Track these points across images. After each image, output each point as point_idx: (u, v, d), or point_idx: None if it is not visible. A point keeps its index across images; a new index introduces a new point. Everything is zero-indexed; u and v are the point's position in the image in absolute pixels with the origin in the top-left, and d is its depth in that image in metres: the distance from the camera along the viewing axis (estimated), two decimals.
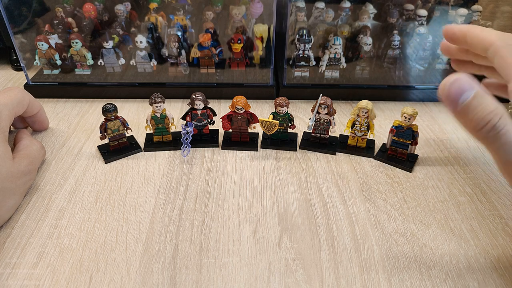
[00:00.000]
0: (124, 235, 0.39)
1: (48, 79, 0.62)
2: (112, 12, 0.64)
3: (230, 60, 0.63)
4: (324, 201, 0.43)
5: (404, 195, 0.44)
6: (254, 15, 0.64)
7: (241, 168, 0.48)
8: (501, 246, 0.38)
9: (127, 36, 0.64)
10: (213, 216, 0.41)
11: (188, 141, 0.48)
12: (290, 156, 0.50)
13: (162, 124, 0.50)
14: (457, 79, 0.30)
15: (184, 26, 0.63)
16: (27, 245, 0.38)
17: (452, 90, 0.30)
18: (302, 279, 0.35)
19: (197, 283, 0.35)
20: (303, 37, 0.59)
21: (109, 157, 0.49)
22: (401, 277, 0.35)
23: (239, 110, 0.49)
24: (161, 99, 0.48)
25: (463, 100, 0.29)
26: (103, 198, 0.43)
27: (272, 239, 0.39)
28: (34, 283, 0.34)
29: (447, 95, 0.30)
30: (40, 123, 0.53)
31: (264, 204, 0.43)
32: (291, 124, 0.51)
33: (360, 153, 0.50)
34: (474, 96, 0.29)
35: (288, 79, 0.62)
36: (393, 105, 0.61)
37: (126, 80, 0.63)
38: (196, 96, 0.48)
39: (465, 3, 0.63)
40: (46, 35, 0.60)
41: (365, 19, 0.63)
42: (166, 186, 0.45)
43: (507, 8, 0.65)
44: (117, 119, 0.48)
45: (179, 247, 0.38)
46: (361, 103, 0.48)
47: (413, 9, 0.63)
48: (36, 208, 0.42)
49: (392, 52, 0.62)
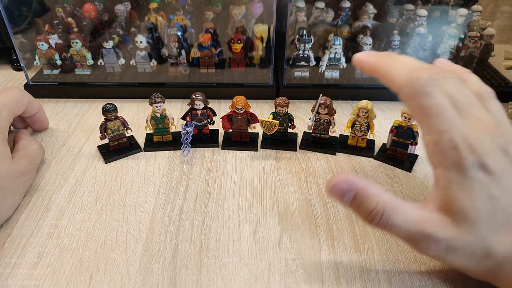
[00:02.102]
0: (124, 235, 0.39)
1: (48, 79, 0.62)
2: (112, 12, 0.64)
3: (230, 60, 0.63)
4: (324, 201, 0.43)
5: (404, 195, 0.44)
6: (254, 15, 0.64)
7: (241, 168, 0.48)
8: None
9: (127, 36, 0.64)
10: (213, 216, 0.41)
11: (188, 141, 0.48)
12: (290, 156, 0.50)
13: (162, 124, 0.50)
14: (335, 185, 0.32)
15: (184, 26, 0.63)
16: (27, 245, 0.38)
17: (333, 193, 0.32)
18: (302, 279, 0.35)
19: (197, 283, 0.35)
20: (303, 37, 0.59)
21: (109, 157, 0.49)
22: (401, 277, 0.35)
23: (239, 110, 0.49)
24: (161, 99, 0.48)
25: (347, 199, 0.32)
26: (103, 198, 0.43)
27: (272, 239, 0.39)
28: (34, 283, 0.34)
29: (332, 196, 0.32)
30: (40, 123, 0.53)
31: (264, 204, 0.43)
32: (291, 124, 0.51)
33: (360, 153, 0.50)
34: (354, 197, 0.32)
35: (288, 79, 0.62)
36: (393, 105, 0.61)
37: (126, 80, 0.62)
38: (196, 96, 0.48)
39: (465, 3, 0.63)
40: (46, 35, 0.60)
41: (365, 19, 0.63)
42: (166, 186, 0.45)
43: (507, 8, 0.65)
44: (117, 119, 0.48)
45: (179, 247, 0.38)
46: (361, 103, 0.48)
47: (413, 9, 0.63)
48: (36, 208, 0.42)
49: None
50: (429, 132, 0.31)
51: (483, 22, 0.62)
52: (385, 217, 0.31)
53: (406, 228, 0.31)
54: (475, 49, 0.61)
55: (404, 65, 0.33)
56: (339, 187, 0.32)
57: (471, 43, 0.60)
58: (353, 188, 0.32)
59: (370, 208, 0.31)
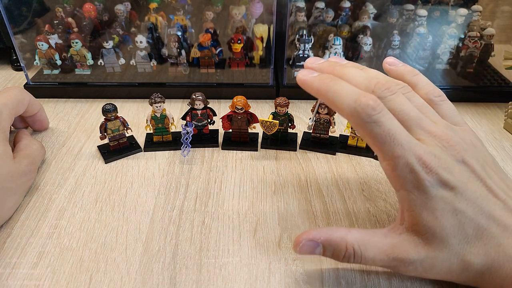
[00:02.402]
0: (124, 235, 0.39)
1: (48, 79, 0.62)
2: (112, 12, 0.64)
3: (230, 60, 0.63)
4: (324, 201, 0.43)
5: None
6: (254, 15, 0.64)
7: (241, 168, 0.48)
8: None
9: (127, 36, 0.64)
10: (213, 216, 0.41)
11: (188, 141, 0.48)
12: (290, 156, 0.50)
13: (162, 124, 0.50)
14: (302, 246, 0.32)
15: (184, 26, 0.63)
16: (27, 245, 0.38)
17: (303, 253, 0.33)
18: (302, 279, 0.35)
19: (197, 283, 0.35)
20: (303, 37, 0.59)
21: (109, 157, 0.49)
22: (401, 277, 0.35)
23: (239, 110, 0.49)
24: (161, 99, 0.48)
25: (318, 252, 0.33)
26: (103, 198, 0.43)
27: (272, 239, 0.39)
28: (34, 283, 0.34)
29: (303, 254, 0.33)
30: (40, 123, 0.53)
31: (264, 204, 0.43)
32: (291, 124, 0.51)
33: (360, 153, 0.50)
34: (323, 248, 0.32)
35: (288, 79, 0.62)
36: None
37: (126, 80, 0.62)
38: (196, 96, 0.48)
39: (465, 3, 0.63)
40: (46, 35, 0.60)
41: (365, 19, 0.63)
42: (166, 186, 0.45)
43: (507, 8, 0.65)
44: (117, 119, 0.48)
45: (179, 247, 0.38)
46: None
47: (413, 9, 0.63)
48: (36, 208, 0.42)
49: (392, 52, 0.62)
50: (384, 158, 0.32)
51: (483, 22, 0.62)
52: (358, 255, 0.32)
53: (380, 259, 0.32)
54: (475, 49, 0.61)
55: (349, 91, 0.32)
56: (305, 246, 0.32)
57: (471, 43, 0.60)
58: (318, 242, 0.32)
59: (342, 252, 0.32)
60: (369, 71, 0.36)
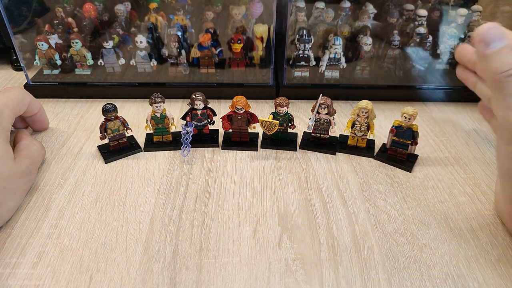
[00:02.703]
0: (124, 235, 0.39)
1: (48, 79, 0.62)
2: (112, 12, 0.64)
3: (230, 60, 0.63)
4: (324, 201, 0.43)
5: (404, 195, 0.44)
6: (254, 15, 0.64)
7: (241, 168, 0.48)
8: (501, 246, 0.38)
9: (127, 36, 0.64)
10: (213, 216, 0.41)
11: (188, 141, 0.48)
12: (290, 156, 0.50)
13: (162, 124, 0.50)
14: (495, 27, 0.34)
15: (184, 26, 0.63)
16: (27, 245, 0.38)
17: (488, 34, 0.34)
18: (302, 279, 0.35)
19: (197, 283, 0.35)
20: (303, 37, 0.59)
21: (109, 157, 0.49)
22: (401, 277, 0.35)
23: (239, 110, 0.49)
24: (161, 99, 0.48)
25: (493, 46, 0.34)
26: (103, 198, 0.43)
27: (272, 239, 0.39)
28: (34, 283, 0.34)
29: (483, 36, 0.34)
30: (40, 123, 0.53)
31: (264, 204, 0.43)
32: (291, 124, 0.51)
33: (360, 153, 0.50)
34: (504, 46, 0.33)
35: (288, 79, 0.62)
36: (393, 105, 0.61)
37: (126, 80, 0.63)
38: (196, 96, 0.48)
39: (465, 3, 0.63)
40: (46, 35, 0.60)
41: (365, 19, 0.63)
42: (166, 186, 0.45)
43: (507, 8, 0.65)
44: (117, 119, 0.48)
45: (179, 247, 0.38)
46: (361, 103, 0.48)
47: (413, 9, 0.63)
48: (36, 208, 0.42)
49: (392, 52, 0.62)
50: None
51: (483, 22, 0.62)
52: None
53: None
54: None
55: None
56: (496, 31, 0.33)
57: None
58: (506, 39, 0.33)
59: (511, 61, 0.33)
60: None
